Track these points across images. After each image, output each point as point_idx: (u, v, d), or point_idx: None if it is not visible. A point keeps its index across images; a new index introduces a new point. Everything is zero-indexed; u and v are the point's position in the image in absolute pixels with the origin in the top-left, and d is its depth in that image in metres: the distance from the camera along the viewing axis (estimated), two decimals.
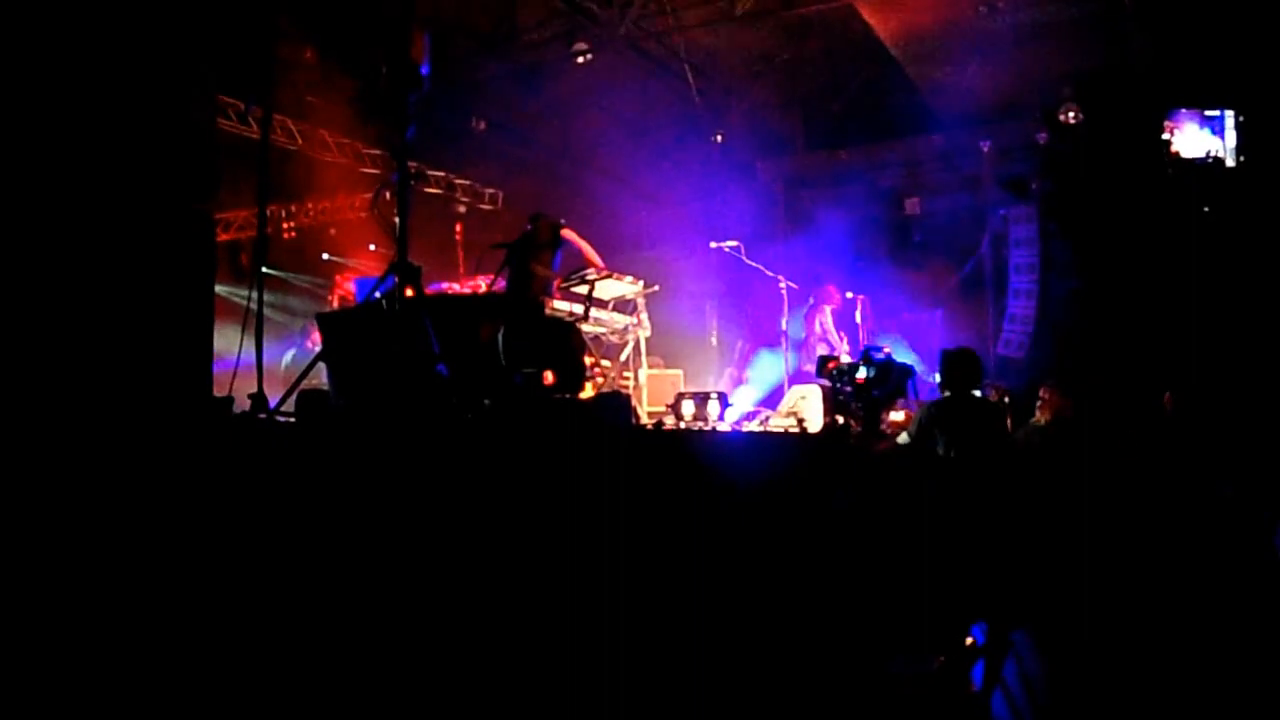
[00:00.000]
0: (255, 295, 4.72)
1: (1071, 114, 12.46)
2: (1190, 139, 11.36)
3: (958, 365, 6.69)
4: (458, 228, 11.63)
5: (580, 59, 11.21)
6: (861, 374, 7.05)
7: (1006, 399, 9.26)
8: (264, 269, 5.32)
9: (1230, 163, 11.16)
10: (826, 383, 7.84)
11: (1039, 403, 7.79)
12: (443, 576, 3.33)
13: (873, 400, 7.07)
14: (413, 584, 3.23)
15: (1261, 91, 10.97)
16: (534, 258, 8.16)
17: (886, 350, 7.46)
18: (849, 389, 7.26)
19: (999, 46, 11.40)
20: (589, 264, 8.34)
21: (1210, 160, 11.22)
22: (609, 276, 8.44)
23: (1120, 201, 11.94)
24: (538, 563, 3.67)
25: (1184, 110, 11.32)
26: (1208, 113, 11.31)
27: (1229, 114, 11.27)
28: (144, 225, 3.14)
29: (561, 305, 8.34)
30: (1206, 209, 11.13)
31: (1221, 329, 10.04)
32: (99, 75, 3.04)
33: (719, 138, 13.40)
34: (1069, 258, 13.17)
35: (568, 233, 8.31)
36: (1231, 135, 11.23)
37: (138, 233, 3.11)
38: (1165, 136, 11.41)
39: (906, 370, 7.29)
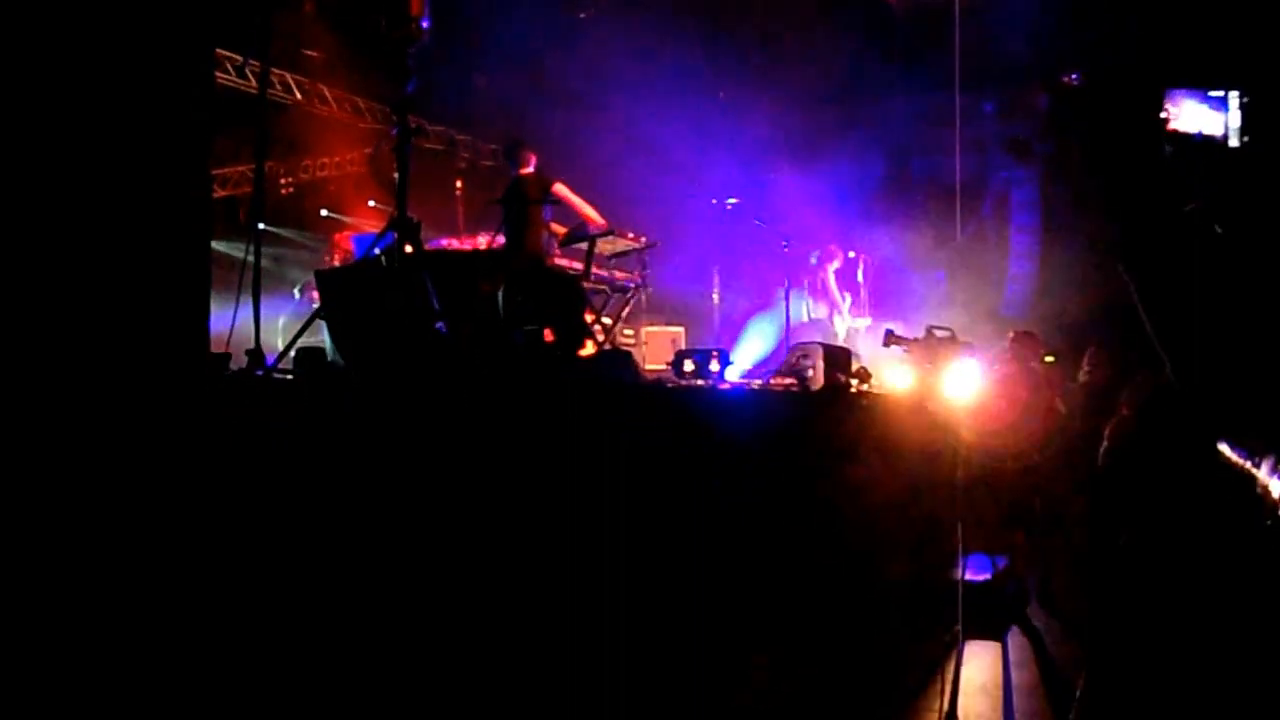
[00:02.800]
0: (253, 251, 4.69)
1: (1074, 77, 12.37)
2: (1190, 115, 11.23)
3: (1022, 344, 8.21)
4: (458, 184, 11.52)
5: (583, 15, 11.10)
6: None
7: (1050, 358, 9.66)
8: (261, 225, 5.27)
9: (1234, 143, 11.06)
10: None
11: (1086, 366, 8.37)
12: (444, 533, 3.32)
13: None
14: (413, 540, 3.22)
15: (1267, 72, 10.86)
16: (529, 211, 8.06)
17: (949, 330, 8.21)
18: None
19: (1003, 7, 11.30)
20: (587, 221, 8.25)
21: (1207, 139, 11.09)
22: (610, 233, 8.37)
23: (1121, 168, 11.87)
24: (539, 521, 3.66)
25: (1183, 90, 11.20)
26: (1211, 93, 11.18)
27: (1234, 95, 11.13)
28: (138, 180, 3.09)
29: (563, 261, 8.28)
30: (1208, 186, 11.03)
31: (1224, 296, 9.97)
32: (89, 25, 2.98)
33: (722, 95, 13.31)
34: (1070, 219, 13.13)
35: (561, 190, 8.17)
36: (1236, 115, 11.08)
37: (131, 188, 3.06)
38: (1163, 115, 11.29)
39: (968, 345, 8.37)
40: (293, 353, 4.75)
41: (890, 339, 8.30)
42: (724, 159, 13.62)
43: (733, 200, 9.78)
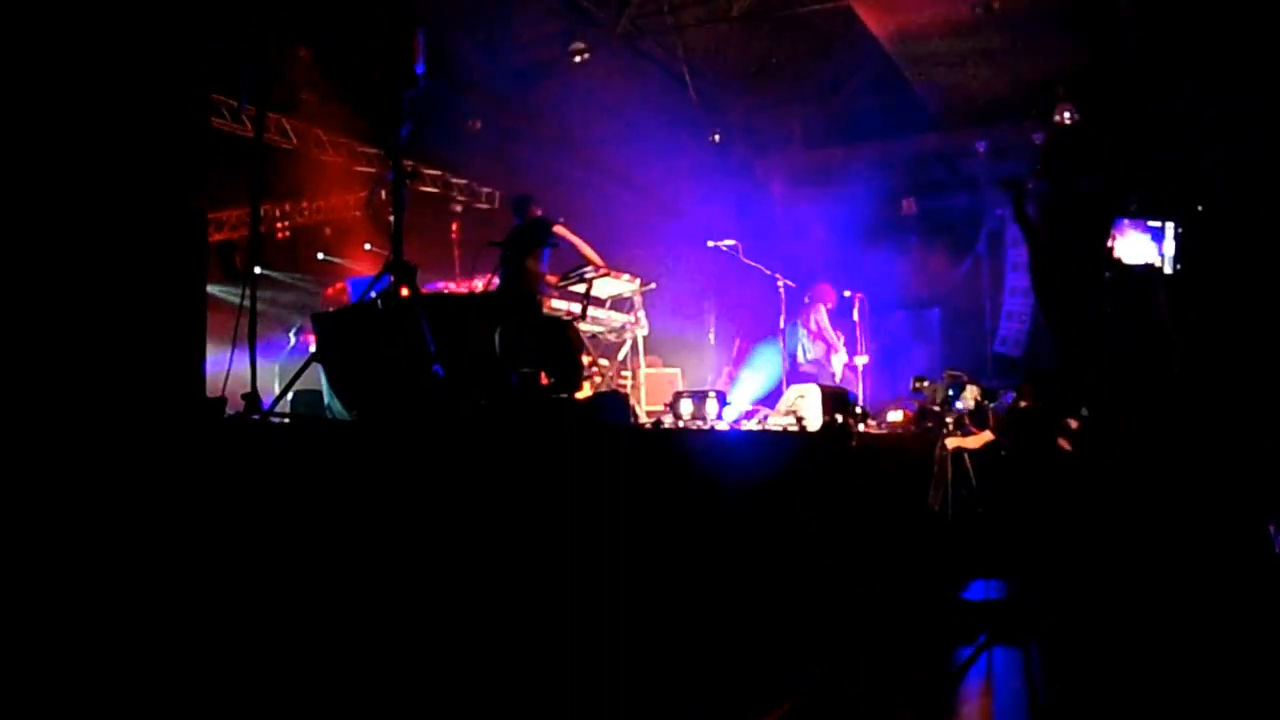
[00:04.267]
0: (249, 295, 4.68)
1: (1066, 114, 12.43)
2: (1133, 245, 11.46)
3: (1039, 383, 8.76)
4: (454, 227, 11.54)
5: (577, 58, 11.16)
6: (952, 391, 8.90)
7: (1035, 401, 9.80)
8: (257, 269, 5.26)
9: (1168, 270, 11.29)
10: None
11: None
12: (441, 578, 3.29)
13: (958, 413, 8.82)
14: (411, 584, 3.18)
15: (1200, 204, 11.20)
16: (528, 255, 8.09)
17: (964, 377, 8.82)
18: (935, 404, 8.91)
19: (994, 46, 11.38)
20: (587, 261, 8.27)
21: (1144, 269, 11.33)
22: (607, 274, 8.38)
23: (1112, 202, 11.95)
24: (537, 564, 3.63)
25: (1128, 220, 11.45)
26: (1150, 223, 11.47)
27: (1169, 225, 11.39)
28: (133, 223, 3.09)
29: (559, 304, 8.28)
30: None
31: (1220, 324, 10.03)
32: (87, 67, 2.98)
33: (716, 137, 13.36)
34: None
35: (562, 230, 8.22)
36: (1171, 244, 11.31)
37: (127, 231, 3.05)
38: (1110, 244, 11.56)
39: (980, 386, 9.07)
40: (289, 396, 4.74)
41: (916, 383, 8.73)
42: (718, 200, 13.68)
43: (728, 242, 9.80)
